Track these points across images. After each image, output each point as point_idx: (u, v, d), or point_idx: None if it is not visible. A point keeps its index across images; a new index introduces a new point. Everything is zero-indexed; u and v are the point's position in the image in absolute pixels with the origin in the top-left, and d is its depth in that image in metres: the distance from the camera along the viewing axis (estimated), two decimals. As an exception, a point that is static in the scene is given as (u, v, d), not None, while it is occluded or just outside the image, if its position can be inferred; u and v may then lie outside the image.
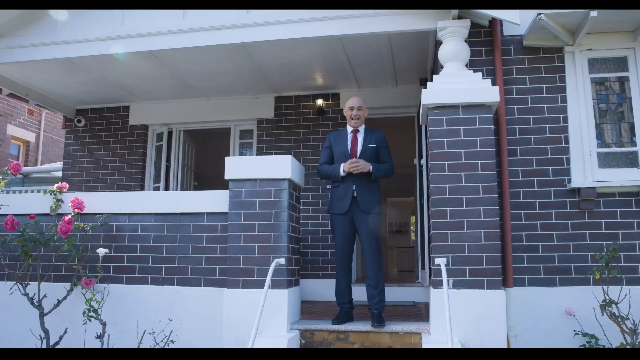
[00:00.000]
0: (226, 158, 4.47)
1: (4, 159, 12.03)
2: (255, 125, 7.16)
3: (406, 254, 14.87)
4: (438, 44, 4.79)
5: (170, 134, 7.56)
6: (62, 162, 7.89)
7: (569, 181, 4.42)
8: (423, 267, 6.11)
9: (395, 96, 6.74)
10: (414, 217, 16.29)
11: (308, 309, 5.34)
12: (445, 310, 3.43)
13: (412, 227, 16.66)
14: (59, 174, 8.21)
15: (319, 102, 6.79)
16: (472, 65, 4.64)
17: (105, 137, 7.49)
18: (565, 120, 4.52)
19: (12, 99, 10.85)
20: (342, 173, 4.33)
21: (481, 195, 4.06)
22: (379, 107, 6.71)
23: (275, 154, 6.80)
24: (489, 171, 4.09)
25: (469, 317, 3.89)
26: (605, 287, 3.89)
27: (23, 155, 13.01)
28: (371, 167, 4.30)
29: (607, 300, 3.82)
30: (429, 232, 5.78)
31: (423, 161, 5.82)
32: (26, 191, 8.51)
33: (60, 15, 5.23)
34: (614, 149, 4.50)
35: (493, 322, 3.87)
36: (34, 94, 6.86)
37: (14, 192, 8.55)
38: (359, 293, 5.26)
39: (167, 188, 7.40)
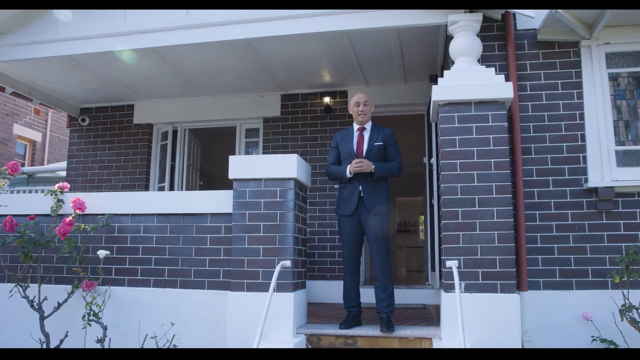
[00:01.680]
0: (230, 157, 4.34)
1: (10, 159, 11.99)
2: (261, 123, 7.03)
3: (415, 254, 14.78)
4: (449, 38, 4.64)
5: (175, 132, 7.45)
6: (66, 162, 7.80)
7: (586, 180, 4.25)
8: (433, 269, 5.96)
9: (404, 93, 6.58)
10: (422, 217, 16.17)
11: (315, 311, 5.21)
12: (457, 316, 3.29)
13: (420, 227, 16.54)
14: (64, 173, 8.14)
15: (326, 100, 6.65)
16: (484, 60, 4.48)
17: (109, 136, 7.39)
18: (582, 117, 4.35)
19: (18, 98, 10.82)
20: (348, 175, 4.19)
21: (494, 195, 3.91)
22: (387, 105, 6.56)
23: (282, 152, 6.67)
24: (503, 170, 3.93)
25: (481, 322, 3.74)
26: (625, 291, 3.72)
27: (29, 154, 12.97)
28: (373, 167, 4.15)
29: (627, 305, 3.65)
30: (439, 233, 5.63)
31: (433, 160, 5.66)
32: (30, 191, 8.44)
33: (63, 14, 5.12)
34: (633, 147, 4.33)
35: (507, 327, 3.72)
36: (38, 93, 6.77)
37: (18, 192, 8.48)
38: (367, 295, 5.13)
39: (172, 188, 7.29)
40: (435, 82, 5.72)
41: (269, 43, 5.30)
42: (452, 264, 3.80)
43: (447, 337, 3.78)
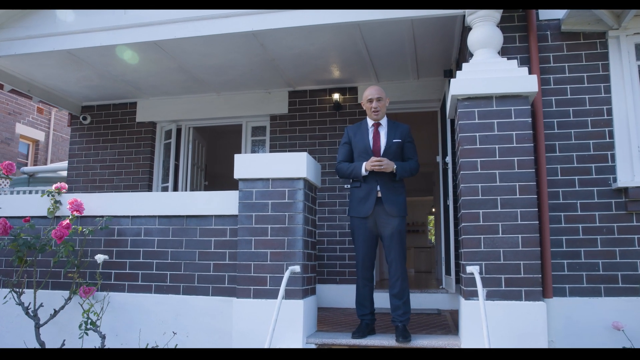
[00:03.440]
0: (236, 156, 4.10)
1: (13, 159, 11.81)
2: (268, 121, 6.79)
3: (423, 254, 14.64)
4: (466, 30, 4.39)
5: (179, 131, 7.22)
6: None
7: (614, 180, 3.98)
8: (448, 273, 5.70)
9: (417, 89, 6.32)
10: (430, 217, 15.93)
11: (325, 317, 4.97)
12: (482, 328, 3.04)
13: (429, 227, 16.32)
14: (65, 173, 7.93)
15: (336, 96, 6.40)
16: (504, 52, 4.22)
17: (111, 134, 7.17)
18: (610, 112, 4.08)
19: (19, 97, 10.63)
20: (363, 172, 3.93)
21: (518, 196, 3.66)
22: (399, 102, 6.30)
23: (290, 151, 6.43)
24: (527, 169, 3.68)
25: (505, 332, 3.49)
26: (661, 300, 3.46)
27: (32, 154, 12.79)
28: (395, 167, 3.90)
29: (664, 315, 3.39)
30: (455, 236, 5.38)
31: (449, 159, 5.40)
32: (30, 192, 8.23)
33: (63, 13, 4.91)
34: (665, 144, 4.06)
35: (532, 337, 3.47)
36: (37, 90, 6.55)
37: (18, 192, 8.29)
38: (379, 299, 4.87)
39: (176, 188, 7.06)
40: (450, 77, 5.48)
41: (276, 36, 5.05)
42: (473, 269, 3.54)
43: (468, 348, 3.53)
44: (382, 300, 4.94)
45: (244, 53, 5.51)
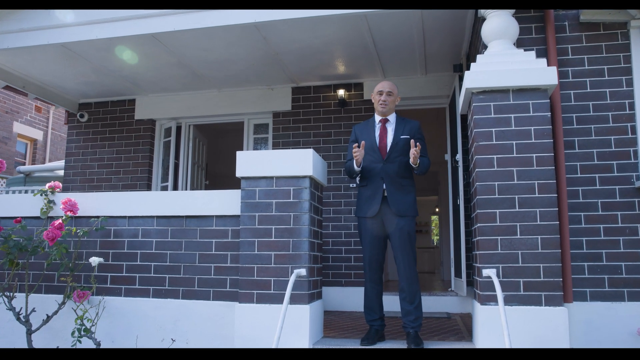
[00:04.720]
0: (238, 153, 3.89)
1: (10, 158, 11.61)
2: (270, 118, 6.58)
3: (426, 255, 14.45)
4: (478, 21, 4.20)
5: (179, 129, 7.01)
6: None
7: (637, 178, 3.78)
8: (458, 275, 5.49)
9: (425, 85, 6.11)
10: (434, 217, 15.74)
11: (331, 322, 4.76)
12: (504, 335, 2.84)
13: (432, 227, 16.14)
14: (63, 172, 7.72)
15: (341, 92, 6.19)
16: (519, 44, 4.01)
17: (109, 132, 6.97)
18: (632, 106, 3.87)
19: (17, 95, 10.44)
20: (355, 168, 3.71)
21: (537, 195, 3.46)
22: (406, 98, 6.06)
23: (293, 149, 6.22)
24: (546, 166, 3.49)
25: (524, 339, 3.29)
26: (691, 305, 3.25)
27: (30, 153, 12.59)
28: (419, 161, 3.66)
29: (694, 321, 3.19)
30: (466, 237, 5.18)
31: (459, 156, 5.19)
32: (26, 191, 8.03)
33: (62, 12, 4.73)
34: (691, 140, 3.85)
35: (554, 345, 3.27)
36: (32, 87, 6.34)
37: (14, 192, 8.09)
38: (387, 302, 4.67)
39: (175, 187, 6.86)
40: (460, 72, 5.28)
41: (279, 29, 4.85)
42: (490, 272, 3.35)
43: (485, 357, 3.32)
44: (389, 302, 4.72)
45: (246, 47, 5.30)
